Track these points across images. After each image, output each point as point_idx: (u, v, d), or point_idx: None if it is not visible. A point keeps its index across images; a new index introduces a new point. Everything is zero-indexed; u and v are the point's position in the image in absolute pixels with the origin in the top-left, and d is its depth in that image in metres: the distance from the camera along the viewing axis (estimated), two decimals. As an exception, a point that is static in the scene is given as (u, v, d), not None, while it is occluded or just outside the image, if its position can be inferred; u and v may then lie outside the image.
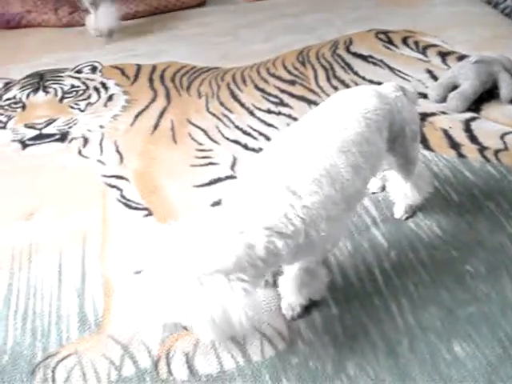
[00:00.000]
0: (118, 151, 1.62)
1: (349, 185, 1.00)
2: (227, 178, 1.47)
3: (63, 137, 1.71)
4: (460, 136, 1.59)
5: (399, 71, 1.91)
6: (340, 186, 0.98)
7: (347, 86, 1.84)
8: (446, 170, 1.47)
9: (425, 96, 1.77)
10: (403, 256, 1.24)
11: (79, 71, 2.06)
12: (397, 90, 1.22)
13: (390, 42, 2.11)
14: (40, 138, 1.72)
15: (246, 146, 1.59)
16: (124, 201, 1.43)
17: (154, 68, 2.05)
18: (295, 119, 1.68)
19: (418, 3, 2.49)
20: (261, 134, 1.64)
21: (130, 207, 1.41)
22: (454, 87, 1.74)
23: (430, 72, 1.90)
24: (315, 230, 0.94)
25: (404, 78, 1.87)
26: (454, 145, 1.56)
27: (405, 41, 2.11)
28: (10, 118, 1.82)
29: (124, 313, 1.15)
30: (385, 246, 1.26)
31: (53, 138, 1.71)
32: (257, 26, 2.38)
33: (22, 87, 1.98)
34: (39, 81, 2.00)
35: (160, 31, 2.39)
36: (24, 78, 2.04)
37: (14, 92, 1.95)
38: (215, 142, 1.63)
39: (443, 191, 1.40)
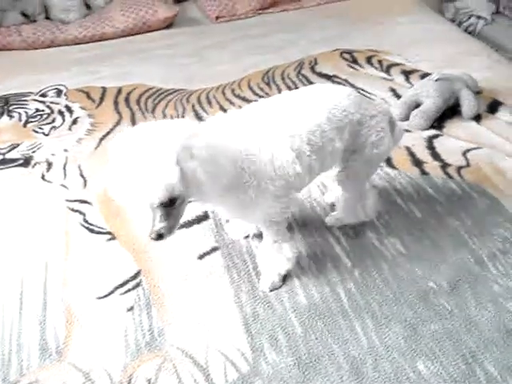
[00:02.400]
0: (81, 175, 1.61)
1: (288, 166, 1.10)
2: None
3: (27, 161, 1.69)
4: (423, 153, 1.60)
5: (363, 90, 1.93)
6: (279, 164, 1.09)
7: (312, 106, 1.85)
8: (409, 187, 1.48)
9: (388, 114, 1.79)
10: (367, 274, 1.24)
11: (44, 95, 2.04)
12: (385, 115, 1.25)
13: (355, 61, 2.14)
14: (3, 162, 1.70)
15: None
16: (87, 225, 1.42)
17: (119, 91, 2.04)
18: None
19: (383, 21, 2.52)
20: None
21: (92, 231, 1.40)
22: (417, 105, 1.77)
23: (393, 90, 1.92)
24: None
25: (368, 97, 1.88)
26: (417, 162, 1.57)
27: (369, 60, 2.13)
28: (-27, 143, 1.80)
29: (85, 340, 1.14)
30: (348, 265, 1.26)
31: (16, 163, 1.69)
32: (223, 46, 2.40)
33: (-14, 112, 1.96)
34: (4, 105, 1.99)
35: (126, 53, 2.38)
36: (-12, 103, 2.03)
37: (-22, 117, 1.94)
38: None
39: (406, 209, 1.40)
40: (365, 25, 2.50)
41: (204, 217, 1.42)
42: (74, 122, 1.87)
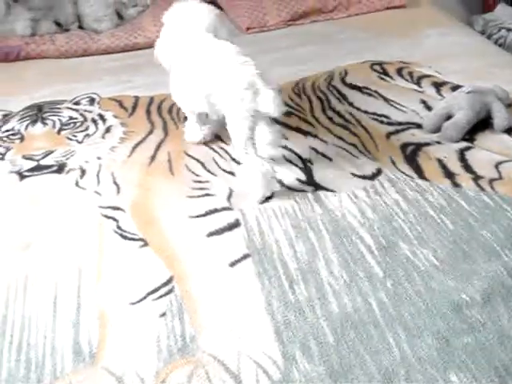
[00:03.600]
0: (115, 182, 1.63)
1: None
2: (223, 209, 1.48)
3: (60, 168, 1.72)
4: (455, 165, 1.60)
5: (394, 101, 1.93)
6: None
7: (342, 117, 1.86)
8: (440, 199, 1.47)
9: (419, 126, 1.79)
10: (399, 285, 1.24)
11: (77, 103, 2.07)
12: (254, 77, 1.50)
13: (385, 73, 2.14)
14: (38, 169, 1.72)
15: (241, 178, 1.60)
16: (120, 232, 1.44)
17: (151, 100, 2.07)
18: (290, 151, 1.70)
19: (412, 34, 2.52)
20: (257, 165, 1.65)
21: (125, 238, 1.42)
22: (448, 117, 1.76)
23: (424, 102, 1.92)
24: None
25: (398, 109, 1.89)
26: (449, 174, 1.56)
27: (399, 72, 2.14)
28: (8, 149, 1.83)
29: (119, 344, 1.15)
30: (380, 275, 1.26)
31: (50, 170, 1.71)
32: (253, 57, 2.39)
33: (21, 119, 1.99)
34: (37, 112, 2.02)
35: (158, 64, 2.41)
36: (23, 110, 2.06)
37: (13, 123, 1.97)
38: (212, 173, 1.64)
39: (438, 220, 1.40)
40: (393, 37, 2.50)
41: (235, 224, 1.43)
42: (107, 130, 1.89)
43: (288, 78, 2.17)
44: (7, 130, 1.93)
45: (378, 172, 1.59)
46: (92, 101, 2.08)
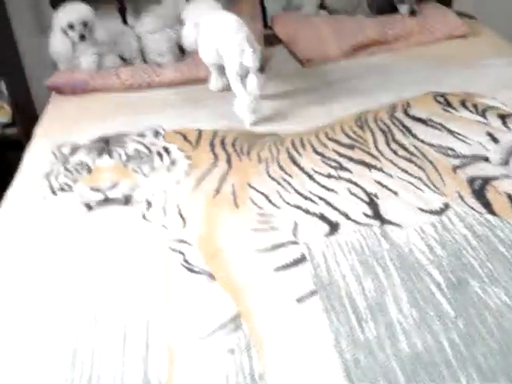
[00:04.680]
0: (180, 215, 1.65)
1: None
2: (289, 243, 1.48)
3: (127, 200, 1.75)
4: (525, 200, 1.57)
5: (459, 134, 1.90)
6: None
7: (407, 150, 1.84)
8: (511, 235, 1.44)
9: (486, 159, 1.76)
10: (470, 325, 1.21)
11: (142, 135, 2.11)
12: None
13: (449, 104, 2.11)
14: (105, 201, 1.76)
15: (307, 211, 1.60)
16: (187, 265, 1.45)
17: (214, 133, 2.09)
18: (355, 184, 1.69)
19: (474, 64, 2.48)
20: (321, 198, 1.65)
21: (192, 271, 1.43)
22: (517, 150, 1.73)
23: (490, 135, 1.88)
24: None
25: (464, 141, 1.85)
26: (519, 209, 1.53)
27: (463, 103, 2.11)
28: (76, 181, 1.88)
29: (187, 380, 1.16)
30: (451, 314, 1.23)
31: (117, 202, 1.75)
32: (313, 89, 2.43)
33: (88, 151, 2.04)
34: (104, 145, 2.07)
35: (219, 96, 2.45)
36: (90, 143, 2.11)
37: (81, 156, 2.01)
38: (276, 206, 1.64)
39: (510, 257, 1.37)
40: (455, 67, 2.48)
41: (301, 259, 1.42)
42: (173, 163, 1.92)
43: (350, 110, 2.17)
44: (75, 163, 1.98)
45: (446, 207, 1.57)
46: (156, 133, 2.12)
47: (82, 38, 2.65)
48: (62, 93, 2.69)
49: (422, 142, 1.88)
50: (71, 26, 2.64)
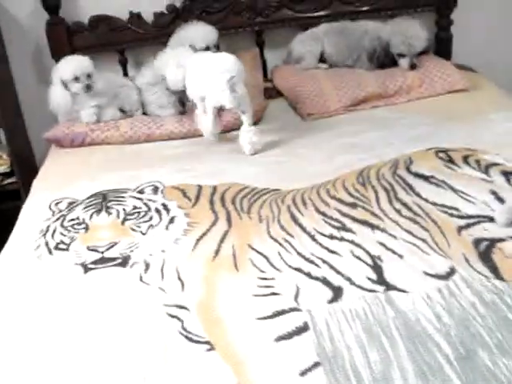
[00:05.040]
0: (179, 278, 1.60)
1: None
2: (291, 310, 1.43)
3: (125, 261, 1.71)
4: (533, 264, 1.52)
5: (462, 192, 1.87)
6: None
7: (410, 209, 1.80)
8: (521, 302, 1.40)
9: (491, 219, 1.72)
10: (481, 400, 1.16)
11: (141, 191, 2.08)
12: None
13: (451, 161, 2.09)
14: (102, 261, 1.72)
15: (309, 275, 1.55)
16: (185, 333, 1.40)
17: (214, 189, 2.07)
18: (359, 246, 1.65)
19: (476, 119, 2.47)
20: (324, 261, 1.60)
21: (191, 340, 1.38)
22: (523, 211, 1.70)
23: (494, 193, 1.85)
24: None
25: (468, 200, 1.82)
26: (528, 273, 1.49)
27: (466, 159, 2.08)
28: (72, 239, 1.84)
29: None
30: (461, 388, 1.19)
31: (114, 262, 1.71)
32: (314, 144, 2.41)
33: (86, 207, 2.01)
34: (102, 201, 2.04)
35: (219, 151, 2.43)
36: (87, 198, 2.08)
37: (78, 212, 1.99)
38: (277, 269, 1.60)
39: (520, 327, 1.32)
40: (457, 122, 2.46)
41: (304, 328, 1.37)
42: (171, 221, 1.88)
43: (352, 166, 2.14)
44: (72, 219, 1.95)
45: (452, 271, 1.52)
46: (156, 189, 2.09)
47: (89, 88, 2.65)
48: (61, 145, 2.68)
49: (426, 200, 1.85)
50: (76, 78, 2.64)
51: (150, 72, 2.78)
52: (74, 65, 2.65)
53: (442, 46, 3.22)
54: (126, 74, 3.05)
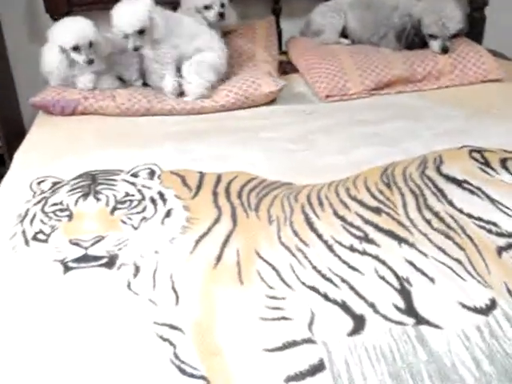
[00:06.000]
0: (173, 288, 1.37)
1: None
2: (304, 341, 1.20)
3: (111, 261, 1.47)
4: None
5: (501, 204, 1.63)
6: None
7: (442, 220, 1.57)
8: None
9: (535, 238, 1.49)
10: None
11: (135, 175, 1.84)
12: None
13: (487, 163, 1.85)
14: (85, 259, 1.48)
15: (325, 297, 1.32)
16: (178, 362, 1.17)
17: (218, 178, 1.82)
18: (383, 263, 1.42)
19: (510, 114, 2.23)
20: (343, 280, 1.37)
21: (184, 372, 1.15)
22: None
23: (538, 207, 1.62)
24: None
25: (508, 214, 1.59)
26: None
27: (504, 163, 1.84)
28: (53, 228, 1.60)
29: None
30: None
31: (99, 262, 1.47)
32: (333, 131, 2.15)
33: (71, 190, 1.77)
34: (91, 184, 1.79)
35: (225, 132, 2.18)
36: (74, 179, 1.83)
37: (62, 195, 1.74)
38: (289, 286, 1.36)
39: None
40: (491, 117, 2.22)
41: (319, 367, 1.15)
42: (168, 214, 1.65)
43: (373, 160, 1.90)
44: (55, 204, 1.71)
45: (493, 304, 1.29)
46: (152, 173, 1.85)
47: (90, 62, 2.39)
48: (50, 112, 2.42)
49: (460, 211, 1.61)
50: (76, 48, 2.37)
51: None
52: (74, 32, 2.36)
53: (473, 28, 2.94)
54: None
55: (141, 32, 2.30)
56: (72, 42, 2.36)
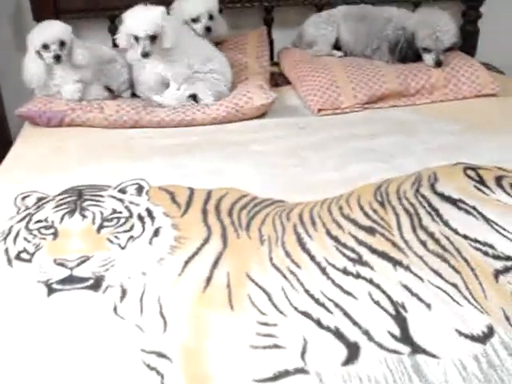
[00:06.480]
0: (161, 313, 1.32)
1: None
2: (297, 371, 1.16)
3: (97, 283, 1.42)
4: None
5: (497, 225, 1.60)
6: None
7: (437, 242, 1.53)
8: None
9: (534, 262, 1.46)
10: None
11: (123, 191, 1.79)
12: None
13: (482, 182, 1.81)
14: (70, 281, 1.43)
15: (318, 323, 1.28)
16: (165, 394, 1.13)
17: (208, 195, 1.78)
18: (378, 286, 1.38)
19: (507, 130, 2.21)
20: (337, 305, 1.33)
21: (172, 405, 1.11)
22: None
23: (535, 236, 1.58)
24: None
25: (505, 236, 1.56)
26: None
27: (499, 181, 1.81)
28: (38, 247, 1.55)
29: None
30: None
31: (85, 284, 1.42)
32: (325, 147, 2.11)
33: (57, 206, 1.72)
34: (77, 199, 1.74)
35: (216, 146, 2.14)
36: (60, 194, 1.79)
37: (47, 212, 1.69)
38: (281, 312, 1.31)
39: None
40: (485, 132, 2.19)
41: (312, 399, 1.11)
42: (156, 233, 1.60)
43: (367, 177, 1.87)
44: (39, 221, 1.66)
45: (490, 331, 1.26)
46: (140, 189, 1.81)
47: (57, 58, 2.31)
48: (36, 123, 2.36)
49: (456, 232, 1.58)
50: (45, 46, 2.31)
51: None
52: (43, 32, 2.32)
53: (466, 42, 2.91)
54: (115, 45, 2.72)
55: (153, 38, 2.27)
56: (41, 39, 2.31)
